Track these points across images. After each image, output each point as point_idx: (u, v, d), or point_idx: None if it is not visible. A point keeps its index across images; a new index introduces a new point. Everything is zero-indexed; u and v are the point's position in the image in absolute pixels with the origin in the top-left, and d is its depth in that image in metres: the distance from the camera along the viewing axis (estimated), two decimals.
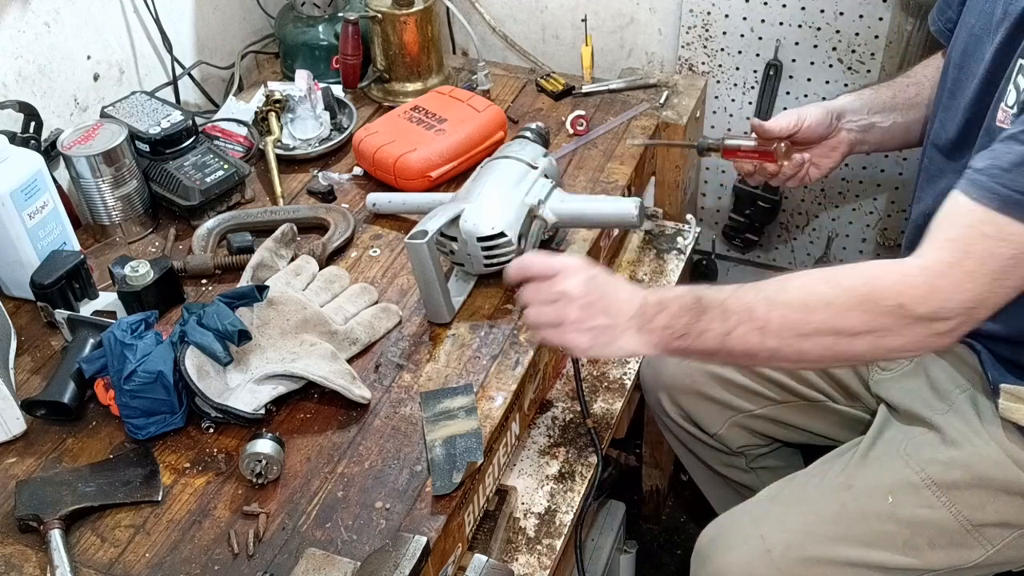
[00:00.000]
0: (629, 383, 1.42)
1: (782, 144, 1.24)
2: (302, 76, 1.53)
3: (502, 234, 1.19)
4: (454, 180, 1.45)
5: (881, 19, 1.56)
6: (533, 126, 1.37)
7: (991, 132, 1.00)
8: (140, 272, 1.20)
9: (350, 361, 1.15)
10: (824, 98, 1.68)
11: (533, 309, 1.01)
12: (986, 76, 1.03)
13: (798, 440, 1.45)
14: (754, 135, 1.26)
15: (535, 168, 1.27)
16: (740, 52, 1.71)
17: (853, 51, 1.62)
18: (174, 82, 1.64)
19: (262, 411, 1.07)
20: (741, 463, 1.49)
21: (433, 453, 1.04)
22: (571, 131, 1.55)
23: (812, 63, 1.66)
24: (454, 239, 1.21)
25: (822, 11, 1.60)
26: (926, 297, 0.89)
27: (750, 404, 1.40)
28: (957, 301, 0.89)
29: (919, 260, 0.91)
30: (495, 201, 1.21)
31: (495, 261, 1.21)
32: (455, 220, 1.20)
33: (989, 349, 1.11)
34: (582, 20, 1.70)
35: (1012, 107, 0.96)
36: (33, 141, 1.35)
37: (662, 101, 1.62)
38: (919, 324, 0.90)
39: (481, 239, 1.19)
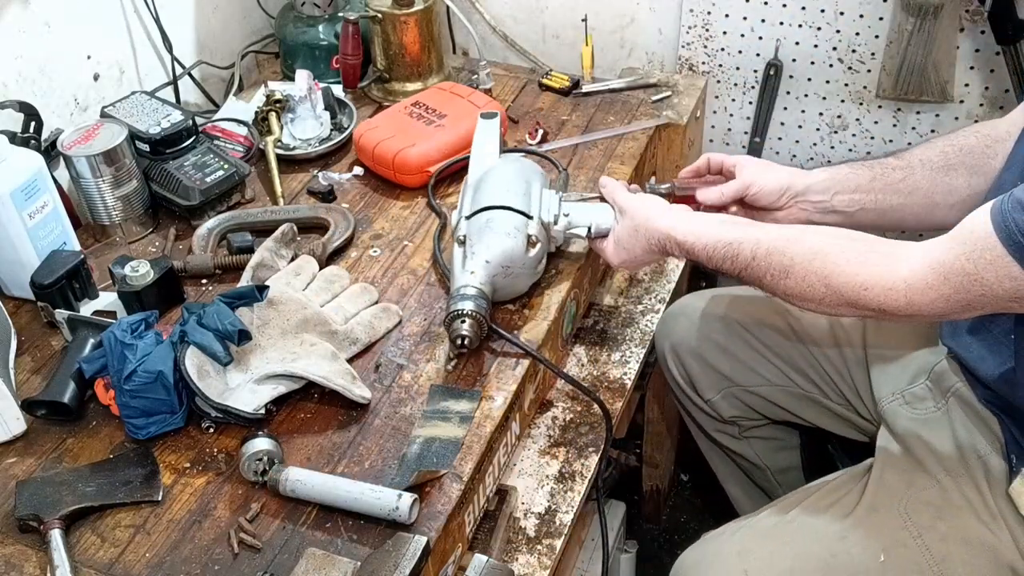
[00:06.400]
0: (629, 383, 1.42)
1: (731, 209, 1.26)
2: (302, 76, 1.53)
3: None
4: (453, 176, 1.46)
5: (881, 19, 1.56)
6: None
7: None
8: (140, 272, 1.20)
9: (350, 361, 1.15)
10: (824, 98, 1.68)
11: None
12: None
13: (789, 421, 1.45)
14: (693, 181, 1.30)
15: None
16: (740, 52, 1.70)
17: (853, 51, 1.62)
18: (174, 82, 1.64)
19: (262, 411, 1.07)
20: (733, 431, 1.49)
21: (410, 449, 1.04)
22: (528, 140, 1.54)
23: (812, 63, 1.66)
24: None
25: (822, 11, 1.60)
26: (903, 309, 0.98)
27: (746, 379, 1.41)
28: (927, 313, 0.97)
29: (907, 271, 0.96)
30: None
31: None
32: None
33: (1019, 427, 1.08)
34: (582, 20, 1.70)
35: None
36: (33, 141, 1.35)
37: (652, 100, 1.64)
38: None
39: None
